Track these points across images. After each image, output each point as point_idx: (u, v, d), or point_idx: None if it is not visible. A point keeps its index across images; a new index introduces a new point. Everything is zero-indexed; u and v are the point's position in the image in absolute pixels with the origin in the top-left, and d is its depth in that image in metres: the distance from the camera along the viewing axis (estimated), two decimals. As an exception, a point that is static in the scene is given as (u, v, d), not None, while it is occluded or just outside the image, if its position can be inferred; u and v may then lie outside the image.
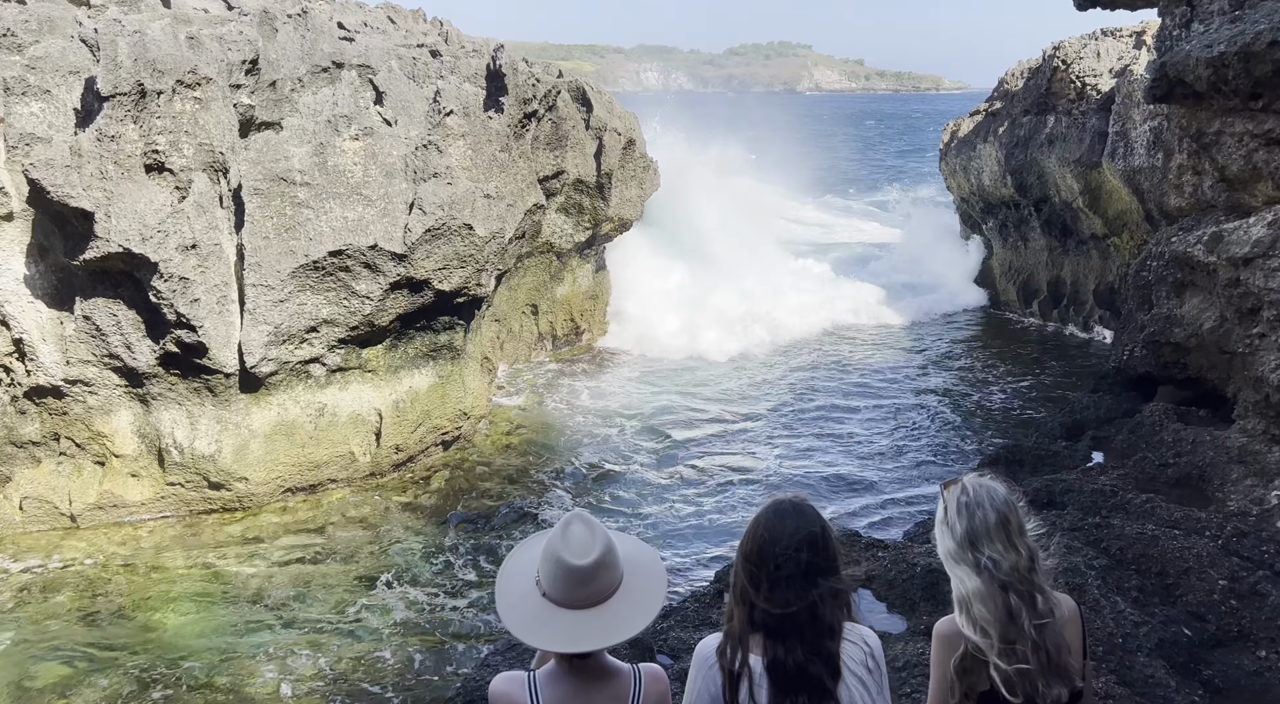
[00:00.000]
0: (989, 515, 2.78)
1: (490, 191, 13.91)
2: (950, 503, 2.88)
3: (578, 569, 2.45)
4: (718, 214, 24.81)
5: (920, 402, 16.38)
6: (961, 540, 2.77)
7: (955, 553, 2.79)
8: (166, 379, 11.70)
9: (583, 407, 16.17)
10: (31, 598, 10.00)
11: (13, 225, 10.98)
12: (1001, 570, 2.74)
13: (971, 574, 2.75)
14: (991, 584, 2.73)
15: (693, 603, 8.54)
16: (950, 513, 2.85)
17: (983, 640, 2.76)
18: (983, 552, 2.75)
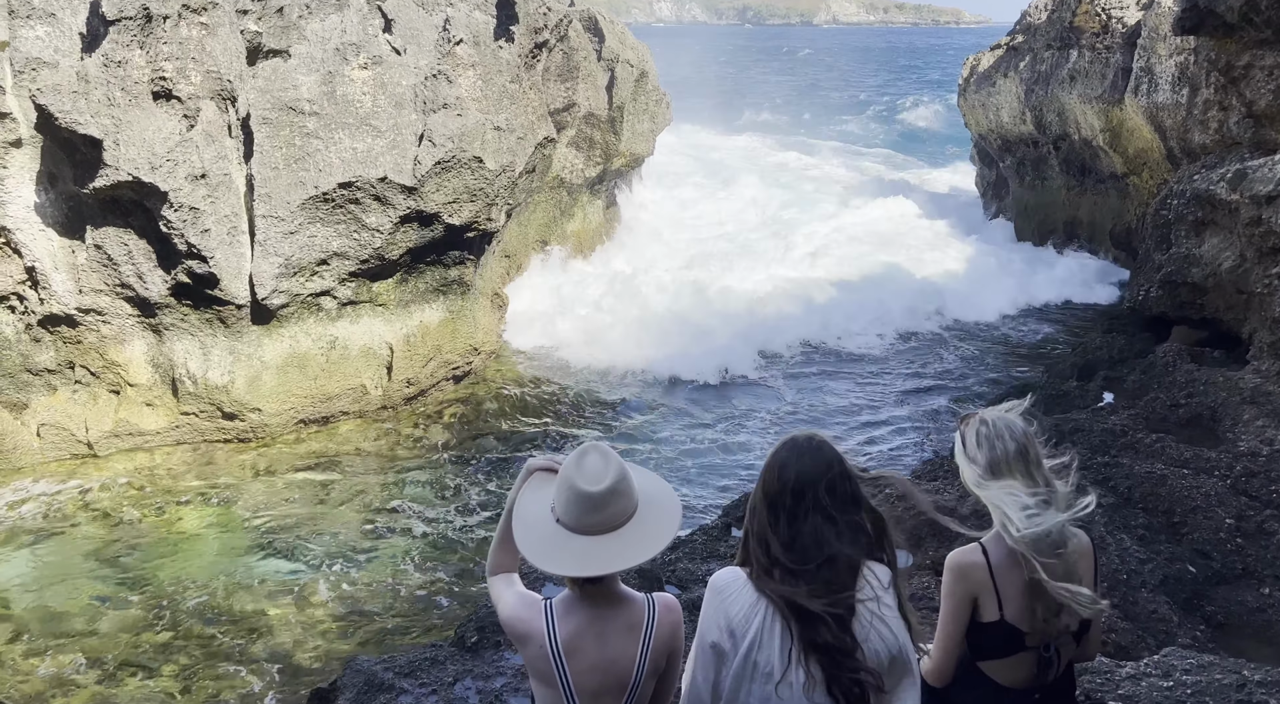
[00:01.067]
0: (1009, 446, 2.81)
1: (500, 124, 13.71)
2: (969, 436, 2.89)
3: (591, 495, 2.47)
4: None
5: (933, 338, 16.34)
6: (984, 471, 2.81)
7: (979, 482, 2.81)
8: (179, 309, 11.74)
9: (594, 342, 16.17)
10: (52, 525, 10.20)
11: (21, 152, 10.90)
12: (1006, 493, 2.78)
13: (1002, 496, 2.79)
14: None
15: (701, 536, 8.66)
16: (970, 445, 2.86)
17: (1027, 550, 2.78)
18: (1003, 481, 2.77)
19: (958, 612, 2.90)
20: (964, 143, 29.24)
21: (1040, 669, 2.87)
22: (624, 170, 20.40)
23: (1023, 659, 2.89)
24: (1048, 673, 2.89)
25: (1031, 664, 2.89)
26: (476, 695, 5.45)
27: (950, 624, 2.92)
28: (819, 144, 38.88)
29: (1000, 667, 2.93)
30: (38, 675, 7.84)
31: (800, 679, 2.50)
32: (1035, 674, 2.89)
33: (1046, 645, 2.85)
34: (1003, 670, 2.93)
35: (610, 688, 2.54)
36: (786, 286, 18.97)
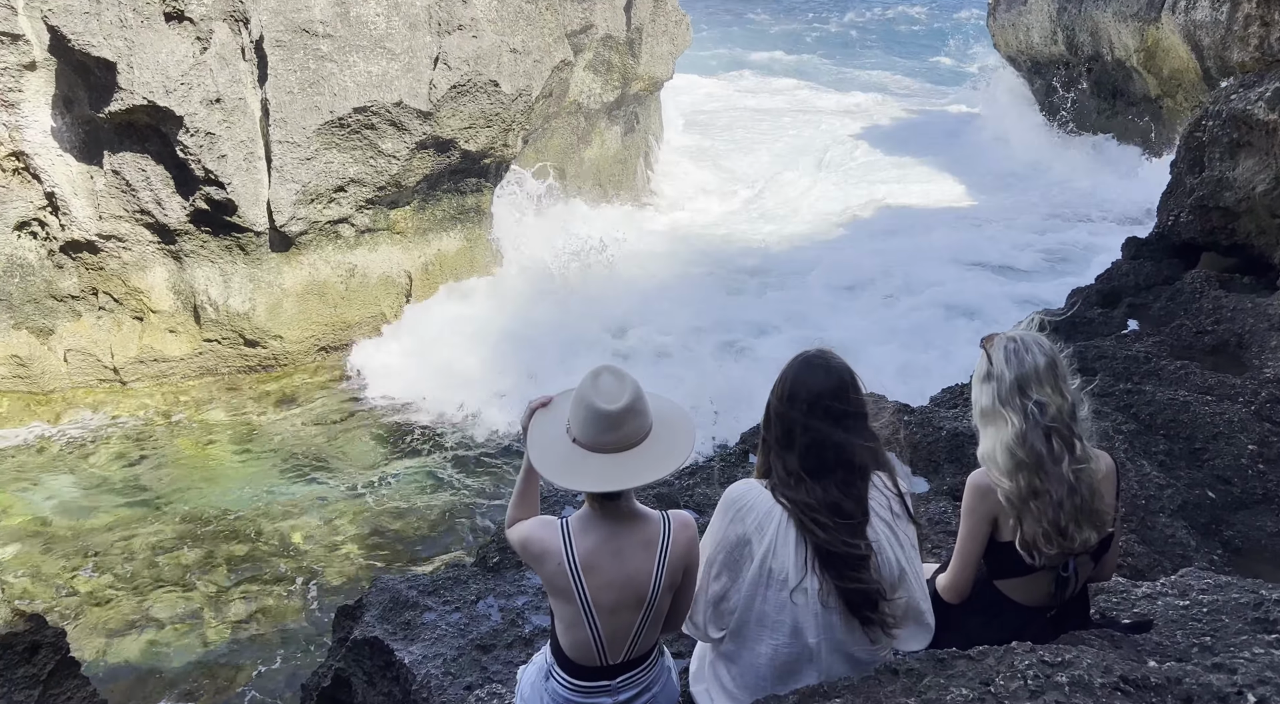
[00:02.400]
0: (1038, 360, 2.80)
1: (516, 46, 13.43)
2: (996, 352, 2.87)
3: (607, 414, 2.49)
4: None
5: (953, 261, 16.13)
6: (1011, 386, 2.80)
7: (1002, 398, 2.81)
8: (198, 236, 11.76)
9: (616, 266, 16.10)
10: (84, 449, 10.43)
11: (36, 76, 10.81)
12: (1048, 415, 2.77)
13: (1016, 419, 2.77)
14: (1035, 429, 2.76)
15: (718, 462, 8.73)
16: (997, 362, 2.85)
17: (1013, 488, 2.80)
18: (1031, 395, 2.78)
19: (976, 530, 2.91)
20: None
21: (1057, 587, 2.90)
22: (642, 95, 20.00)
23: (1040, 578, 2.91)
24: (1064, 591, 2.91)
25: (1048, 583, 2.91)
26: (499, 613, 5.58)
27: (969, 542, 2.94)
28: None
29: (1017, 585, 2.96)
30: (75, 592, 8.11)
31: (815, 586, 2.56)
32: (1052, 592, 2.92)
33: (1065, 564, 2.87)
34: (1019, 589, 2.96)
35: (627, 602, 2.59)
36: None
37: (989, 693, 2.22)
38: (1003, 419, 2.81)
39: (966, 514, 2.94)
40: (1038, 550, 2.81)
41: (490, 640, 4.97)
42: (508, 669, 4.53)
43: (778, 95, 31.84)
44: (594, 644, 2.61)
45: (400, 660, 4.87)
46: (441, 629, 5.15)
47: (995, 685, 2.23)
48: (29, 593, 7.93)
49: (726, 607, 2.69)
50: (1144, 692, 2.15)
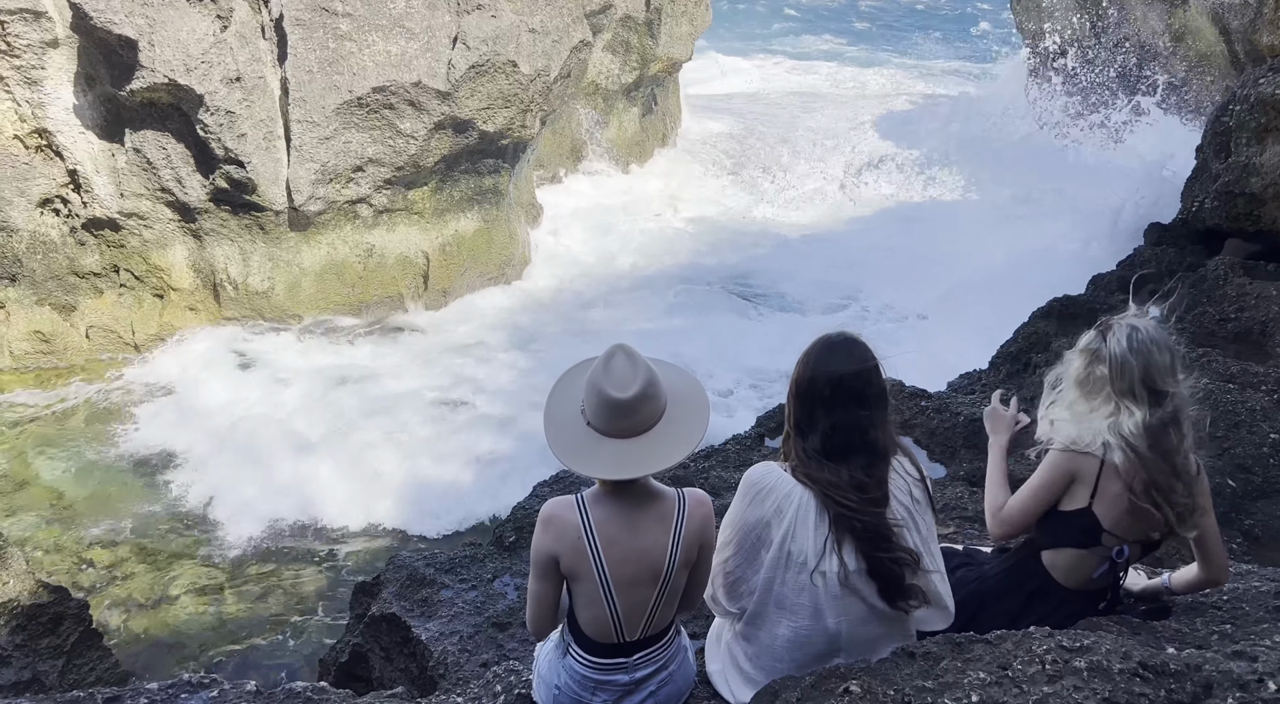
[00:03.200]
0: (1164, 355, 2.84)
1: (535, 26, 13.37)
2: (1118, 339, 2.86)
3: (619, 401, 2.48)
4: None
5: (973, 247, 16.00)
6: (1140, 379, 2.82)
7: (1124, 389, 2.83)
8: (218, 215, 11.82)
9: (631, 249, 16.09)
10: (103, 422, 10.54)
11: (59, 53, 10.86)
12: (1168, 408, 2.82)
13: (1139, 410, 2.81)
14: (1156, 421, 2.81)
15: (734, 445, 8.73)
16: (1119, 350, 2.85)
17: (1126, 467, 2.81)
18: (1157, 387, 2.81)
19: (1052, 486, 2.93)
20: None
21: (1102, 571, 2.92)
22: (661, 76, 19.88)
23: (1088, 557, 2.93)
24: (1107, 576, 2.93)
25: (1093, 565, 2.92)
26: (515, 591, 5.62)
27: (1044, 491, 2.94)
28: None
29: (1063, 560, 2.96)
30: (94, 564, 8.23)
31: (834, 567, 2.56)
32: (1093, 576, 2.93)
33: (1120, 551, 2.88)
34: (1064, 565, 2.97)
35: (643, 578, 2.59)
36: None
37: (1006, 677, 2.22)
38: (1121, 407, 2.83)
39: (1051, 465, 2.93)
40: (1110, 531, 2.85)
41: (506, 618, 5.00)
42: (523, 647, 4.57)
43: (806, 76, 31.60)
44: (611, 621, 2.62)
45: (417, 637, 4.92)
46: (458, 606, 5.19)
47: (1013, 670, 2.23)
48: (51, 563, 8.04)
49: (745, 588, 2.70)
50: (1163, 678, 2.15)
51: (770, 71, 32.15)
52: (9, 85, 10.65)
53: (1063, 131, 21.84)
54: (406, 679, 4.92)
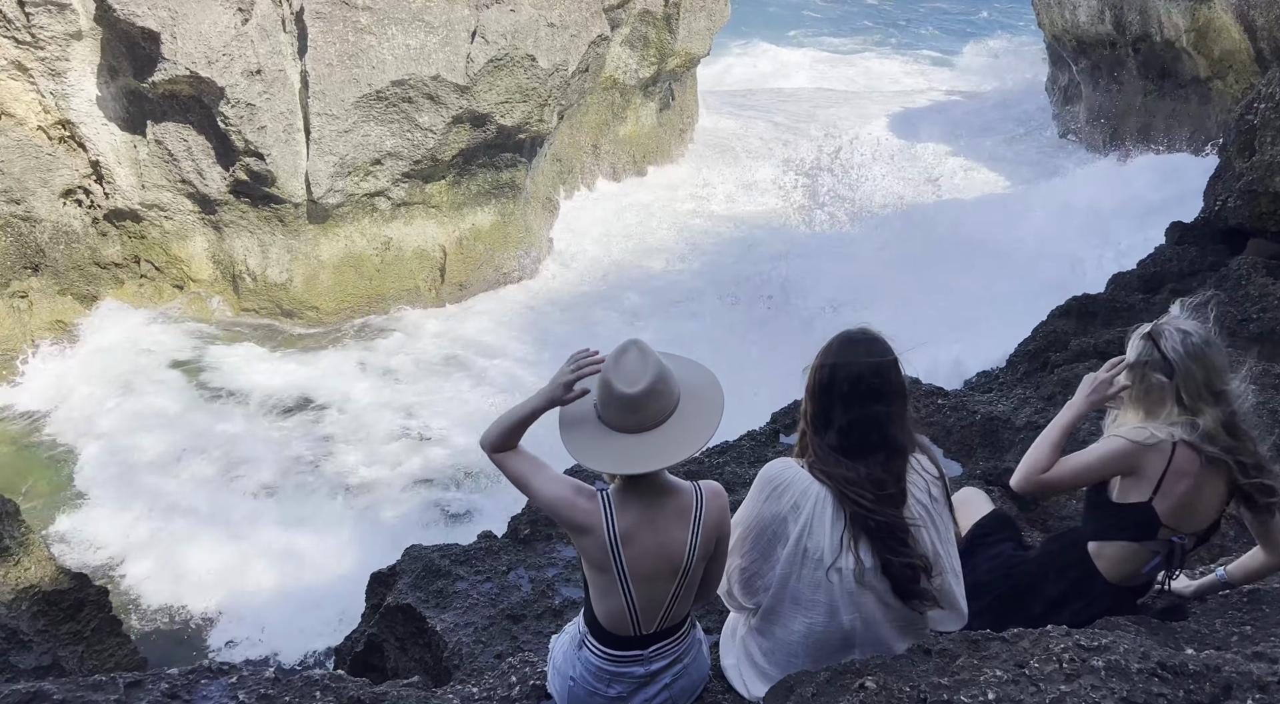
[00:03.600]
0: (1219, 356, 2.89)
1: (554, 20, 13.38)
2: (1174, 350, 2.88)
3: (628, 397, 2.48)
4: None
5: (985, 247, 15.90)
6: (1204, 382, 2.85)
7: (1193, 393, 2.85)
8: (238, 207, 11.91)
9: (648, 245, 16.08)
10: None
11: (82, 45, 10.95)
12: (1234, 401, 2.87)
13: (1212, 411, 2.84)
14: (1219, 422, 2.84)
15: (748, 441, 8.71)
16: (1176, 355, 2.87)
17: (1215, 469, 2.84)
18: (1220, 387, 2.86)
19: (1106, 470, 2.94)
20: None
21: (1153, 565, 2.92)
22: (679, 71, 19.84)
23: (1139, 551, 2.93)
24: (1155, 572, 2.93)
25: (1145, 559, 2.92)
26: (529, 584, 5.64)
27: (1095, 470, 2.94)
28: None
29: (1115, 554, 2.96)
30: (132, 531, 8.39)
31: (850, 564, 2.55)
32: (1143, 570, 2.93)
33: (1180, 538, 2.89)
34: (1114, 557, 2.96)
35: (663, 572, 2.60)
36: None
37: (1023, 675, 2.21)
38: (1192, 411, 2.85)
39: (1106, 452, 2.93)
40: (1167, 525, 2.87)
41: (520, 610, 5.02)
42: (537, 639, 4.58)
43: (833, 69, 31.47)
44: (628, 613, 2.62)
45: (432, 628, 4.94)
46: (473, 598, 5.21)
47: (1030, 668, 2.22)
48: (73, 541, 8.13)
49: (761, 583, 2.70)
50: (1182, 679, 2.14)
51: (803, 64, 32.07)
52: (33, 77, 10.76)
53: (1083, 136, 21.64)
54: (421, 669, 4.95)
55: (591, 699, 2.73)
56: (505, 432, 2.65)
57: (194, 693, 2.58)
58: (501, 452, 2.66)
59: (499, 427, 2.66)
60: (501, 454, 2.65)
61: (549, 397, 2.58)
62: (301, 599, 7.57)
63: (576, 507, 2.60)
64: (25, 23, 10.51)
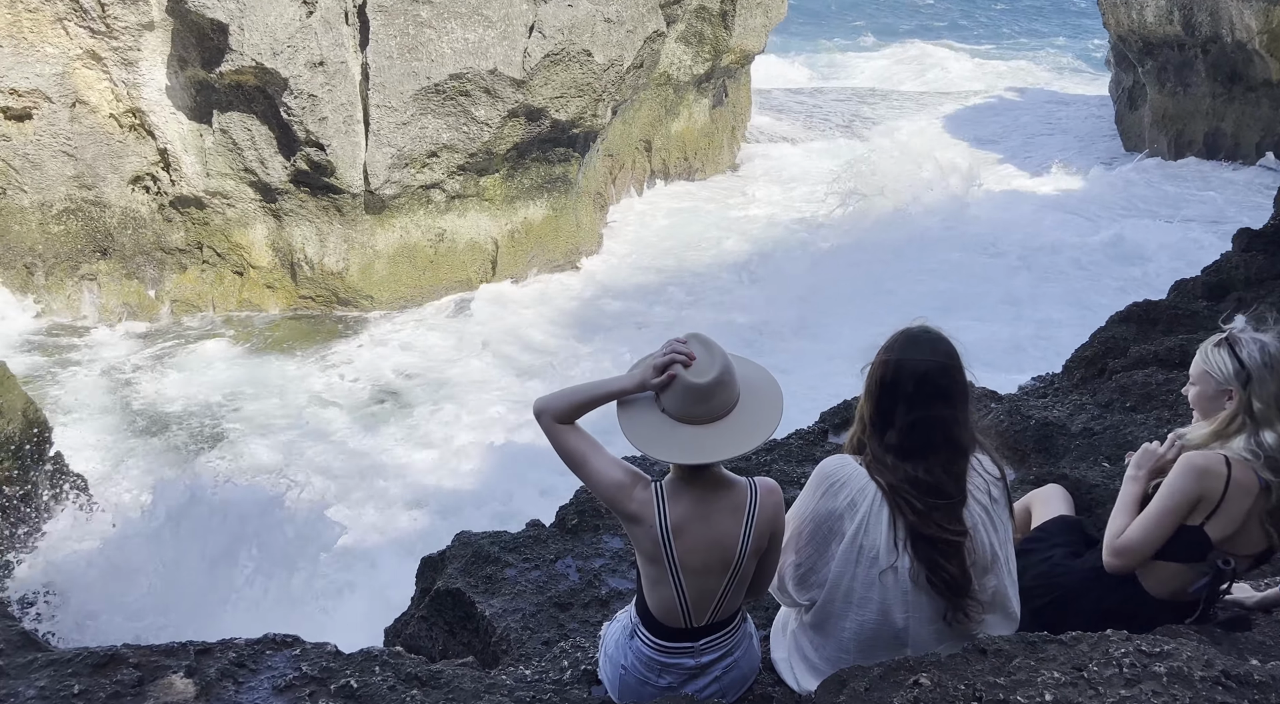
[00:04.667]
0: None
1: (611, 16, 13.43)
2: (1250, 357, 2.83)
3: (696, 387, 2.49)
4: None
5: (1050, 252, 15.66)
6: (1274, 395, 2.79)
7: (1266, 405, 2.79)
8: (298, 196, 12.16)
9: (698, 241, 16.07)
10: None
11: (154, 35, 11.27)
12: None
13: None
14: None
15: (797, 440, 8.68)
16: (1255, 367, 2.81)
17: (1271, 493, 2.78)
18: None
19: (1179, 509, 2.84)
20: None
21: (1200, 585, 2.86)
22: (733, 68, 19.78)
23: (1186, 572, 2.88)
24: (1203, 590, 2.86)
25: (1192, 579, 2.86)
26: (577, 573, 5.69)
27: (1168, 517, 2.86)
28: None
29: (1163, 573, 2.91)
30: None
31: (906, 565, 2.54)
32: (1190, 590, 2.87)
33: (1226, 561, 2.82)
34: (1160, 578, 2.91)
35: (714, 566, 2.60)
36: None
37: (1081, 678, 2.19)
38: (1261, 423, 2.79)
39: (1174, 492, 2.85)
40: (1217, 547, 2.81)
41: (568, 599, 5.07)
42: (584, 628, 4.62)
43: (899, 66, 31.13)
44: (679, 605, 2.63)
45: (481, 613, 5.01)
46: (521, 585, 5.27)
47: (1088, 671, 2.20)
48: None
49: (815, 580, 2.69)
50: (1246, 688, 2.10)
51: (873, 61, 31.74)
52: (107, 66, 11.10)
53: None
54: (469, 654, 5.03)
55: (642, 688, 2.75)
56: (577, 405, 2.60)
57: (260, 662, 2.66)
58: (563, 423, 2.60)
59: (570, 398, 2.60)
60: (561, 426, 2.59)
61: (640, 380, 2.54)
62: (354, 577, 7.72)
63: (631, 494, 2.61)
64: (101, 13, 10.85)
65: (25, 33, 11.07)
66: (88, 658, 2.49)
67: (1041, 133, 23.85)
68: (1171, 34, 19.97)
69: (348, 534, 8.18)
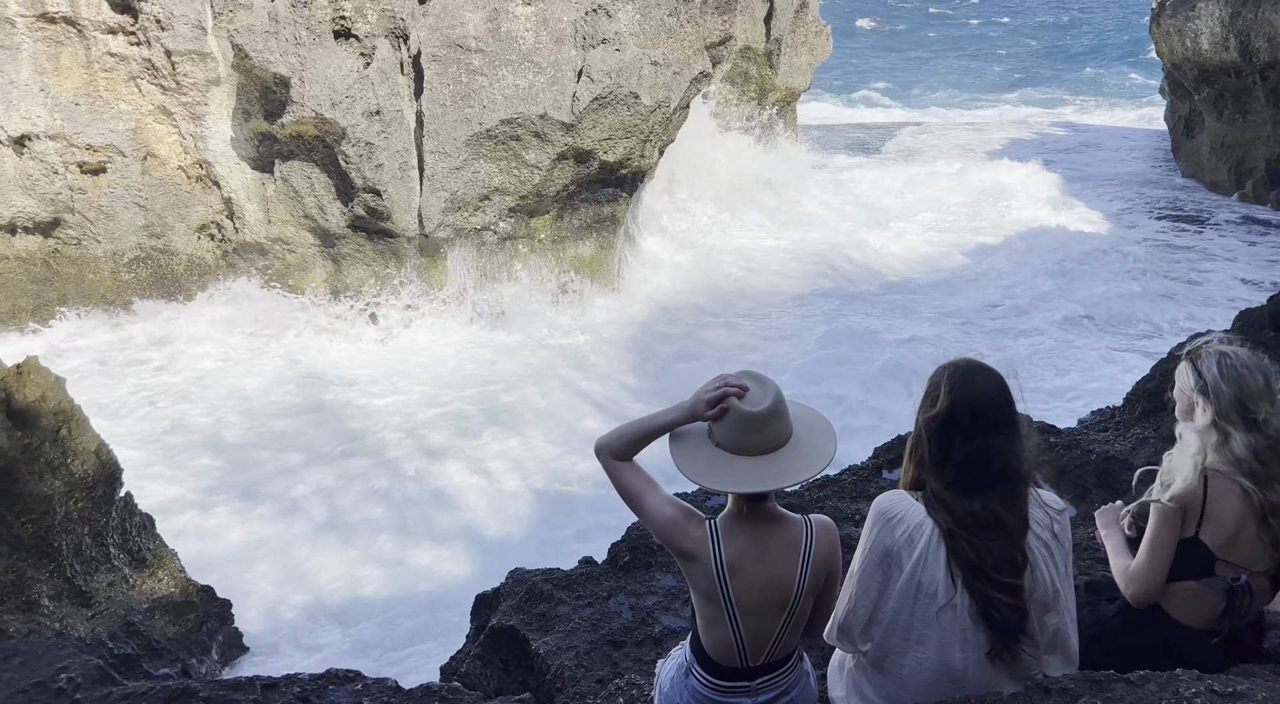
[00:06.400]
0: (1257, 380, 2.78)
1: (657, 58, 13.65)
2: (1208, 369, 2.81)
3: (751, 416, 2.49)
4: None
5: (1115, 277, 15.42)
6: (1230, 404, 2.77)
7: (1222, 414, 2.77)
8: (355, 240, 12.50)
9: (744, 276, 16.09)
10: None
11: (220, 90, 11.77)
12: (1272, 428, 2.75)
13: (1240, 435, 2.76)
14: (1261, 444, 2.74)
15: (850, 476, 8.57)
16: (1211, 376, 2.79)
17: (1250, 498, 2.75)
18: (1257, 413, 2.75)
19: (1171, 531, 2.84)
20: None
21: (1227, 605, 2.77)
22: (779, 106, 19.92)
23: (1208, 593, 2.80)
24: (1233, 610, 2.78)
25: (1217, 601, 2.78)
26: (630, 611, 5.67)
27: (1162, 529, 2.86)
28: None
29: (1182, 596, 2.84)
30: (247, 534, 8.84)
31: (965, 602, 2.50)
32: (1220, 614, 2.78)
33: (1236, 576, 2.75)
34: (1183, 603, 2.84)
35: (771, 605, 2.58)
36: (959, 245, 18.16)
37: (1150, 719, 2.14)
38: (1221, 432, 2.78)
39: (1157, 524, 2.86)
40: (1224, 559, 2.76)
41: (622, 637, 5.05)
42: (638, 666, 4.61)
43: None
44: (735, 645, 2.62)
45: (536, 651, 5.02)
46: (575, 623, 5.27)
47: (1157, 712, 2.14)
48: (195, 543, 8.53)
49: (874, 618, 2.67)
50: (1325, 731, 2.03)
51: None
52: (176, 121, 11.60)
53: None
54: (525, 691, 5.03)
55: (699, 727, 2.74)
56: (632, 440, 2.62)
57: (323, 697, 2.72)
58: (621, 460, 2.62)
59: (626, 434, 2.62)
60: (620, 463, 2.62)
61: (690, 411, 2.55)
62: (412, 612, 7.79)
63: (685, 532, 2.60)
64: (171, 71, 11.37)
65: (101, 91, 11.65)
66: (160, 692, 2.57)
67: (1097, 162, 23.52)
68: (1228, 61, 19.64)
69: (402, 567, 8.29)
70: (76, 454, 5.69)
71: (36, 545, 5.48)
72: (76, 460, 5.68)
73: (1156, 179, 22.78)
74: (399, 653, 7.26)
